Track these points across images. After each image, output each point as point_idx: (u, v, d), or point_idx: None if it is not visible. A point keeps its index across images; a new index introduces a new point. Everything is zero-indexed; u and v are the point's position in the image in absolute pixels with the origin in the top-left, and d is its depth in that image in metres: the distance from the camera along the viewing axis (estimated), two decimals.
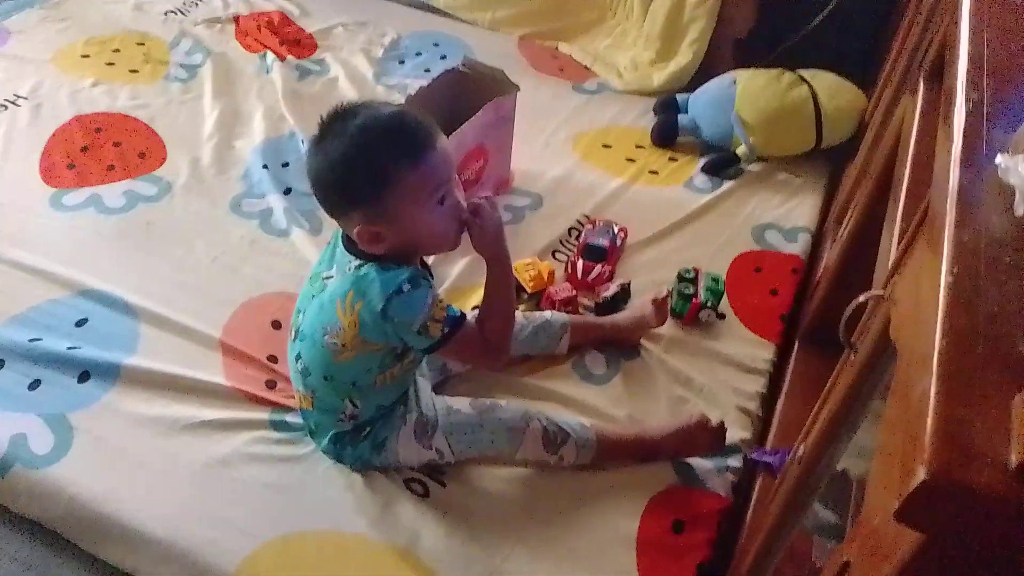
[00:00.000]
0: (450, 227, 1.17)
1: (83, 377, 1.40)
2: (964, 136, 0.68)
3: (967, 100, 0.73)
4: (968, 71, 0.77)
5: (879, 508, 0.52)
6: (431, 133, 1.13)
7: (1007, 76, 0.77)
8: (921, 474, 0.42)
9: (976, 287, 0.52)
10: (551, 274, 1.63)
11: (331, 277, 1.19)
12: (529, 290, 1.60)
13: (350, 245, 1.17)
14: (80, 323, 1.49)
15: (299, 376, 1.27)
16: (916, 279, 0.68)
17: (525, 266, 1.63)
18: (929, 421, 0.43)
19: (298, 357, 1.25)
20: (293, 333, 1.27)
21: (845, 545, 0.63)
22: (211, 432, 1.34)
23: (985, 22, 0.85)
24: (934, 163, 0.76)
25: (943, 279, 0.52)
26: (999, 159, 0.63)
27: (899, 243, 0.88)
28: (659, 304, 1.53)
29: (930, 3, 1.41)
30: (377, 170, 1.09)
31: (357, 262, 1.15)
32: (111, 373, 1.40)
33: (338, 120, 1.12)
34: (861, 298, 0.81)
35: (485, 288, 1.24)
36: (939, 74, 1.07)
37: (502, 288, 1.23)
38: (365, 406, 1.25)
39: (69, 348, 1.43)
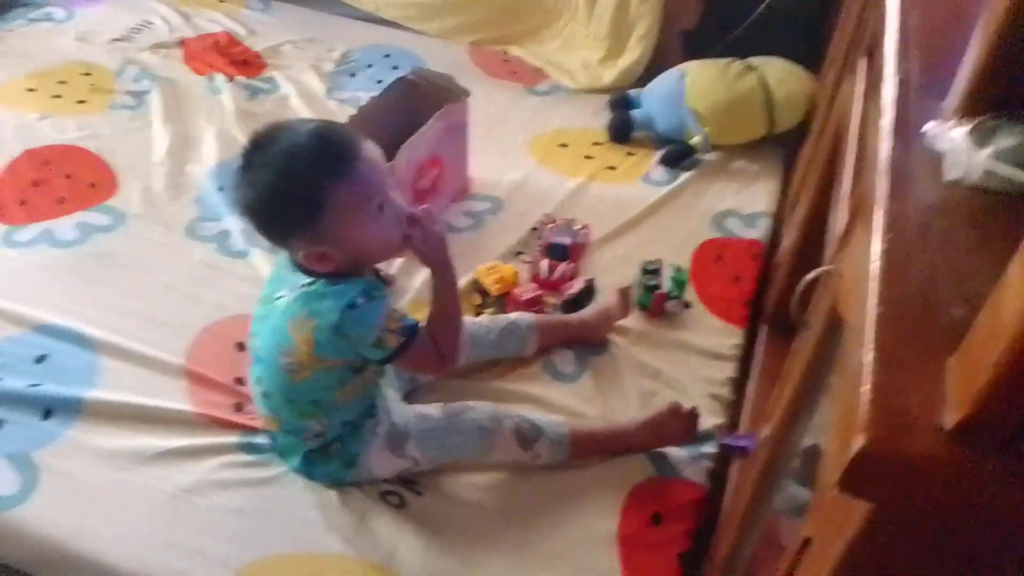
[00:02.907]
0: (394, 233, 1.16)
1: (46, 414, 1.37)
2: (895, 108, 0.69)
3: (896, 72, 0.74)
4: (897, 44, 0.78)
5: (831, 481, 0.52)
6: (355, 143, 1.12)
7: (934, 48, 0.78)
8: (859, 442, 0.42)
9: (908, 255, 0.52)
10: (515, 276, 1.63)
11: (282, 297, 1.18)
12: (494, 293, 1.59)
13: (298, 264, 1.16)
14: (40, 359, 1.46)
15: (261, 399, 1.25)
16: (858, 252, 0.68)
17: (488, 270, 1.62)
18: (864, 389, 0.44)
19: (258, 380, 1.24)
20: (251, 356, 1.25)
21: (808, 521, 0.63)
22: (179, 460, 1.31)
23: None
24: (867, 138, 0.77)
25: (875, 248, 0.52)
26: (928, 127, 0.64)
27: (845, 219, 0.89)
28: (622, 294, 1.53)
29: None
30: (308, 193, 1.08)
31: (307, 279, 1.14)
32: (74, 408, 1.38)
33: (259, 148, 1.11)
34: (811, 275, 0.82)
35: (433, 298, 1.22)
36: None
37: (450, 296, 1.22)
38: (330, 423, 1.24)
39: (30, 386, 1.40)
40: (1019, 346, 0.39)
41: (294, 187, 1.09)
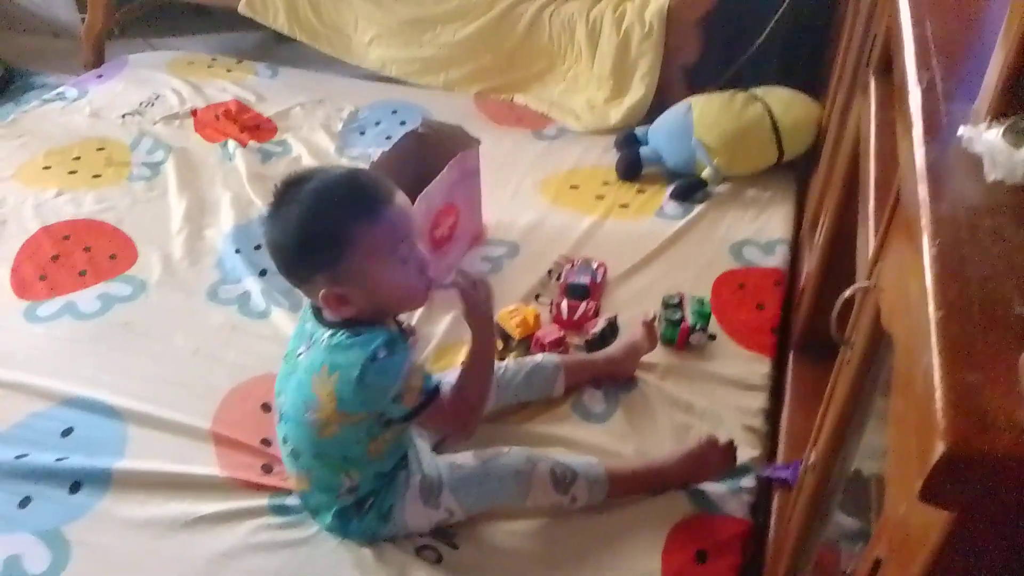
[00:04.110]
0: (416, 283, 1.15)
1: (74, 488, 1.35)
2: (924, 115, 0.69)
3: (920, 81, 0.73)
4: (916, 53, 0.78)
5: (903, 496, 0.50)
6: (386, 190, 1.12)
7: (954, 53, 0.78)
8: (940, 447, 0.40)
9: (961, 255, 0.51)
10: (537, 318, 1.62)
11: (303, 352, 1.17)
12: (517, 337, 1.58)
13: (320, 316, 1.16)
14: (66, 433, 1.45)
15: (291, 458, 1.24)
16: (899, 263, 0.67)
17: (510, 313, 1.61)
18: (938, 393, 0.42)
19: (285, 439, 1.22)
20: (277, 415, 1.24)
21: (873, 543, 0.61)
22: (211, 526, 1.29)
23: (925, 6, 0.87)
24: (898, 148, 0.76)
25: (926, 251, 0.51)
26: (962, 130, 0.63)
27: (876, 234, 0.87)
28: (648, 326, 1.52)
29: (868, 3, 1.44)
30: (334, 232, 1.08)
31: (329, 332, 1.14)
32: (103, 479, 1.36)
33: (291, 187, 1.11)
34: (847, 292, 0.81)
35: (470, 356, 1.22)
36: (888, 67, 1.08)
37: (487, 359, 1.23)
38: (363, 477, 1.22)
39: (57, 460, 1.39)
40: None
41: (322, 224, 1.09)
